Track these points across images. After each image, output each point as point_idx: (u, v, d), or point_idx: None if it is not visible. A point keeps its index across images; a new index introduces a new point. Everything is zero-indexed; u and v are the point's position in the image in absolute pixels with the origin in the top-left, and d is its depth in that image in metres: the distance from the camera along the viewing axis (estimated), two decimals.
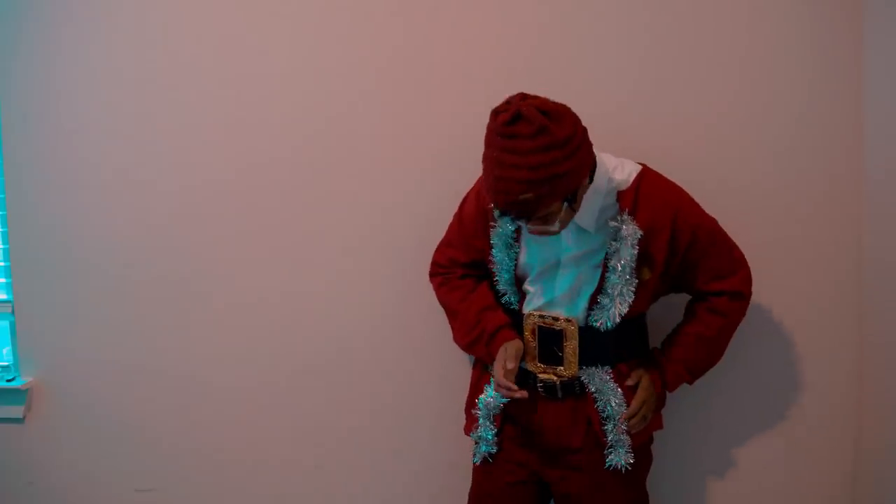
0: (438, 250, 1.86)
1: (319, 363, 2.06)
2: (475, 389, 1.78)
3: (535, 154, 1.36)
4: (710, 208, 1.91)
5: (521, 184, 1.37)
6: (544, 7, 1.92)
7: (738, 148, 1.91)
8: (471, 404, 1.77)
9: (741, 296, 1.71)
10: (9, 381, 2.14)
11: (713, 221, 1.69)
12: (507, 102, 1.42)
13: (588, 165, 1.48)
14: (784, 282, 1.94)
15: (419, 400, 2.03)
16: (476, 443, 1.74)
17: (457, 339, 1.81)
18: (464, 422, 1.81)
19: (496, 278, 1.71)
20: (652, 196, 1.59)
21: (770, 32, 1.88)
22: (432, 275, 1.87)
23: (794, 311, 1.95)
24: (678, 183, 1.72)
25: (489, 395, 1.69)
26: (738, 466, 2.00)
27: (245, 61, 2.01)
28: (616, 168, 1.59)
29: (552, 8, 1.92)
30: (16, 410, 2.15)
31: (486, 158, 1.44)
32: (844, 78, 1.88)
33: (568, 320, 1.63)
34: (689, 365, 1.72)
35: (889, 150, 1.80)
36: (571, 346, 1.64)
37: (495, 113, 1.42)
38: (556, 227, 1.48)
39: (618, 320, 1.61)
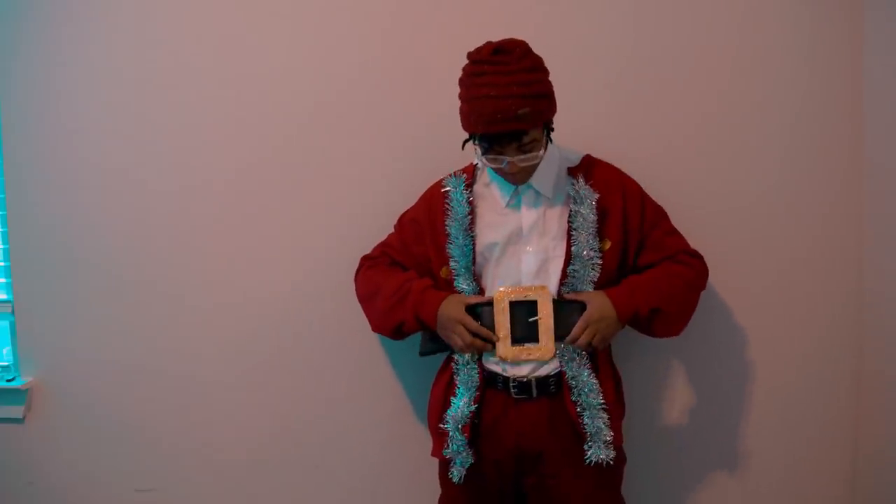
0: (373, 249, 1.86)
1: (320, 363, 2.06)
2: (440, 409, 1.69)
3: (525, 73, 1.48)
4: (709, 208, 1.92)
5: (517, 98, 1.46)
6: (542, 7, 1.92)
7: (737, 148, 1.92)
8: (436, 422, 1.69)
9: (699, 255, 1.73)
10: (9, 381, 2.14)
11: (657, 203, 1.74)
12: (480, 48, 1.52)
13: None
14: (784, 282, 1.94)
15: (419, 399, 2.03)
16: (451, 460, 1.65)
17: (377, 311, 1.75)
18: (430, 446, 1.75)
19: (454, 275, 1.66)
20: (601, 170, 1.68)
21: (770, 32, 1.89)
22: (359, 269, 1.86)
23: (794, 311, 1.95)
24: (680, 183, 1.72)
25: (455, 409, 1.64)
26: (737, 466, 2.00)
27: (245, 62, 2.01)
28: (562, 149, 1.70)
29: (550, 9, 1.92)
30: (16, 410, 2.15)
31: (470, 97, 1.51)
32: (844, 78, 1.88)
33: (542, 288, 1.60)
34: (643, 286, 1.64)
35: (889, 150, 1.81)
36: (546, 316, 1.59)
37: (475, 52, 1.52)
38: (538, 155, 1.55)
39: (590, 290, 1.61)
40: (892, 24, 1.78)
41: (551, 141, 1.62)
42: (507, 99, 1.45)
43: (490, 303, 1.62)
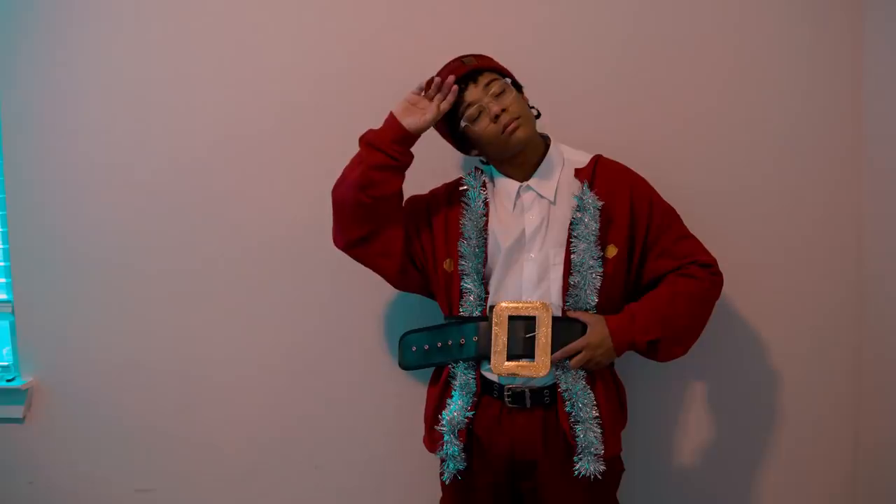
0: None
1: (319, 363, 2.06)
2: (435, 405, 1.69)
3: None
4: (709, 208, 1.92)
5: (466, 56, 1.64)
6: (541, 6, 1.92)
7: (737, 148, 1.92)
8: (431, 419, 1.69)
9: (711, 266, 1.66)
10: (9, 381, 2.14)
11: (669, 205, 1.70)
12: None
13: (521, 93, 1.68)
14: (784, 282, 1.94)
15: (420, 401, 2.02)
16: (443, 461, 1.65)
17: (344, 189, 1.67)
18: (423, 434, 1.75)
19: (462, 273, 1.64)
20: (608, 171, 1.67)
21: (770, 32, 1.89)
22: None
23: (794, 311, 1.95)
24: (678, 183, 1.71)
25: (452, 411, 1.62)
26: (737, 466, 2.00)
27: (248, 61, 2.01)
28: (568, 151, 1.70)
29: (549, 7, 1.92)
30: (16, 410, 2.15)
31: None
32: (844, 78, 1.88)
33: (543, 305, 1.58)
34: (642, 316, 1.60)
35: (889, 150, 1.81)
36: (544, 334, 1.57)
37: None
38: (509, 98, 1.59)
39: (595, 300, 1.60)
40: (892, 24, 1.78)
41: (530, 107, 1.66)
42: (456, 60, 1.64)
43: (487, 317, 1.61)
